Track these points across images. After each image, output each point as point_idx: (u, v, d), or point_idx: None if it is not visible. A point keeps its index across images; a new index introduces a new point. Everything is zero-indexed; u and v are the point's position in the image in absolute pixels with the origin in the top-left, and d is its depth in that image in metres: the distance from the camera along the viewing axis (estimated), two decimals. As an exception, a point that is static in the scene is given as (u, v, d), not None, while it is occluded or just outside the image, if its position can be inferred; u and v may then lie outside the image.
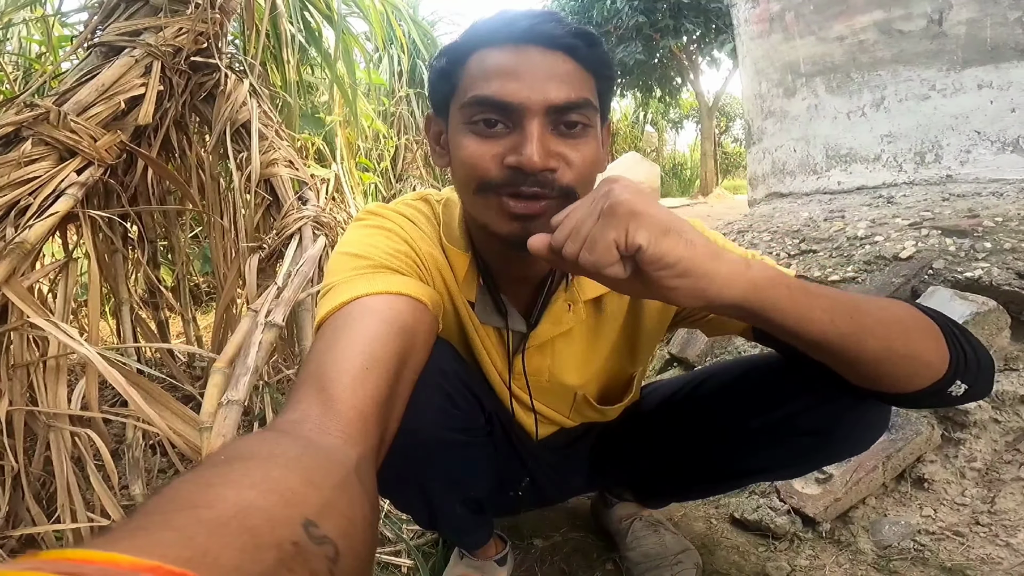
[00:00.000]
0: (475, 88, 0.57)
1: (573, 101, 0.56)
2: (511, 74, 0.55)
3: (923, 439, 1.07)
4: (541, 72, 0.55)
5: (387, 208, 0.70)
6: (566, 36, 0.56)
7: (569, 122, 0.57)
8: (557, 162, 0.57)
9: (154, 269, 1.73)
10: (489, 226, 0.60)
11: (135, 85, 1.36)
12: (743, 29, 2.58)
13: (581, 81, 0.57)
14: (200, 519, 0.25)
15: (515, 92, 0.55)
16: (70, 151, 1.19)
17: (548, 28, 0.56)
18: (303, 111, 2.44)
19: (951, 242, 1.42)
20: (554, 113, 0.56)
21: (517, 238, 0.58)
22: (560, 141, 0.57)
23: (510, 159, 0.56)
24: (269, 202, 1.58)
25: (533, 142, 0.55)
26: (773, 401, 0.72)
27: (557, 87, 0.55)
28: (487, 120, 0.56)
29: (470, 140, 0.58)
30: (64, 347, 0.98)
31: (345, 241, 0.65)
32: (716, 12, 9.12)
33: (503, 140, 0.57)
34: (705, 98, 12.40)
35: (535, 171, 0.55)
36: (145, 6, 1.48)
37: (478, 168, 0.57)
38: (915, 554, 0.94)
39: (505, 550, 0.94)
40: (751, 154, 2.66)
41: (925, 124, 1.93)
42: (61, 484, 0.92)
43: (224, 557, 0.23)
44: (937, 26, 1.88)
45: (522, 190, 0.56)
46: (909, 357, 0.55)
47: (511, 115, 0.56)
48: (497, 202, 0.58)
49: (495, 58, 0.56)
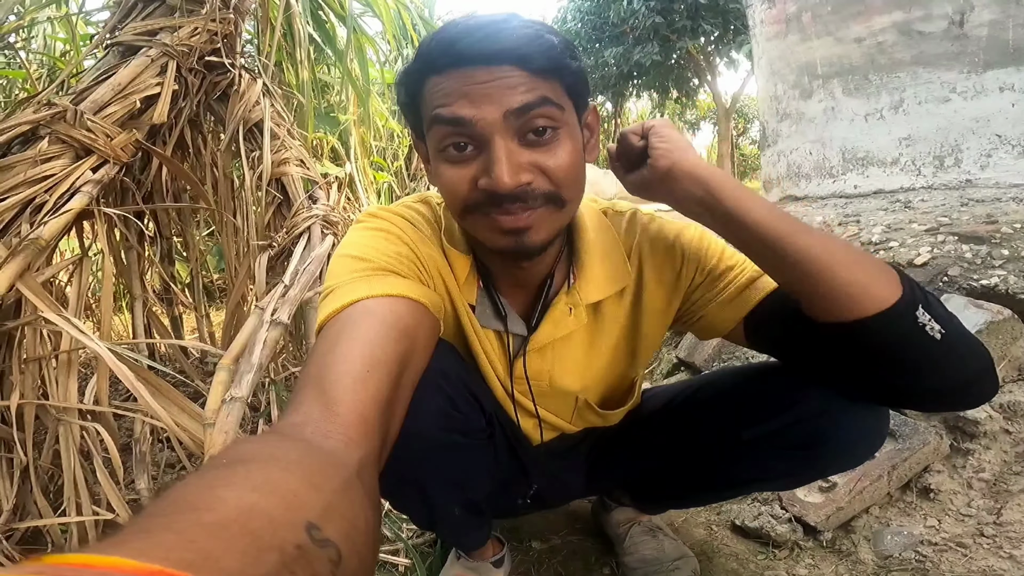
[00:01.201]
0: (434, 117, 0.57)
1: (529, 103, 0.55)
2: (463, 97, 0.55)
3: (931, 449, 1.05)
4: (494, 90, 0.55)
5: (387, 211, 0.70)
6: (506, 50, 0.55)
7: (536, 129, 0.56)
8: (531, 174, 0.57)
9: (169, 266, 1.76)
10: (485, 243, 0.62)
11: (150, 84, 1.39)
12: (759, 30, 2.55)
13: (534, 84, 0.56)
14: (202, 522, 0.26)
15: (469, 114, 0.55)
16: (86, 149, 1.22)
17: (483, 46, 0.55)
18: (317, 110, 2.47)
19: (967, 249, 1.38)
20: (516, 123, 0.55)
21: (514, 251, 0.60)
22: (530, 151, 0.57)
23: (482, 182, 0.57)
24: (280, 201, 1.60)
25: (500, 163, 0.55)
26: (764, 413, 0.71)
27: (509, 98, 0.55)
28: (455, 144, 0.57)
29: (445, 167, 0.59)
30: (76, 342, 1.00)
31: (346, 243, 0.65)
32: (734, 13, 9.01)
33: (474, 163, 0.57)
34: (722, 99, 12.27)
35: (508, 191, 0.56)
36: (162, 6, 1.51)
37: (457, 193, 0.59)
38: (916, 565, 0.92)
39: (502, 552, 0.94)
40: (766, 156, 2.63)
41: (945, 127, 1.89)
42: (68, 478, 0.94)
43: (226, 560, 0.23)
44: (958, 27, 1.84)
45: (505, 207, 0.57)
46: (857, 264, 0.56)
47: (474, 137, 0.56)
48: (486, 220, 0.59)
49: (444, 85, 0.56)
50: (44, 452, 1.02)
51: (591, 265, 0.71)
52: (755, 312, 0.69)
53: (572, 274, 0.72)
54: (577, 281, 0.71)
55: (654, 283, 0.73)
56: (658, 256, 0.73)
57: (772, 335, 0.69)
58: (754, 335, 0.70)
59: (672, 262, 0.72)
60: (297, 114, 2.15)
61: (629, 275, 0.73)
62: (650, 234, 0.74)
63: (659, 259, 0.73)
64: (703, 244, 0.72)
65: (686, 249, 0.72)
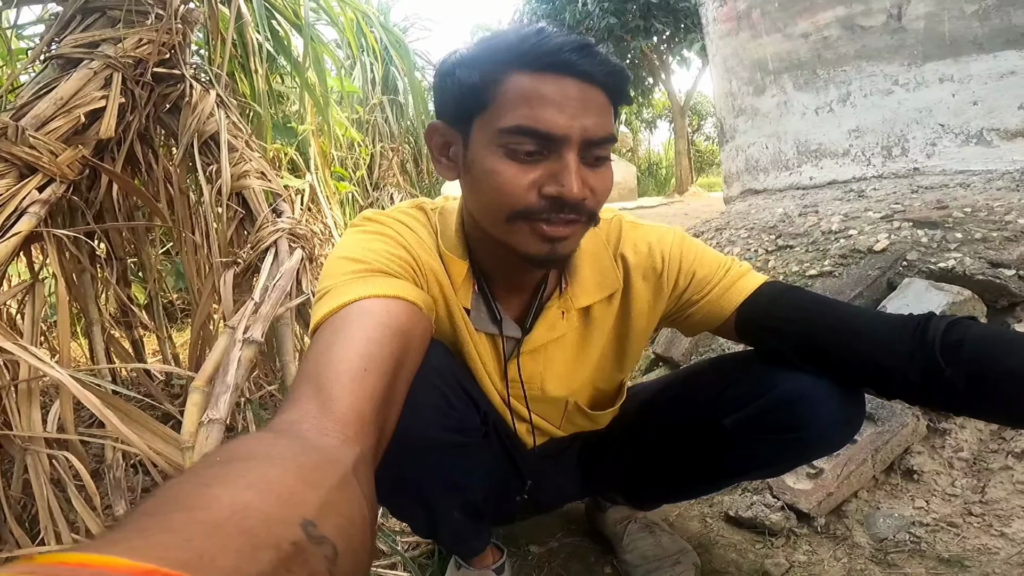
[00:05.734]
0: (518, 115, 0.57)
1: (604, 138, 0.59)
2: (555, 105, 0.56)
3: (909, 430, 1.08)
4: (580, 106, 0.57)
5: (385, 215, 0.71)
6: (602, 74, 0.57)
7: (598, 156, 0.60)
8: (587, 191, 0.60)
9: (125, 287, 1.68)
10: (517, 248, 0.62)
11: (95, 98, 1.31)
12: (712, 28, 2.62)
13: (609, 115, 0.60)
14: (197, 520, 0.25)
15: (558, 124, 0.56)
16: (30, 168, 1.14)
17: (587, 63, 0.57)
18: (274, 121, 2.40)
19: (923, 233, 1.45)
20: (586, 147, 0.58)
21: (546, 258, 0.62)
22: (589, 171, 0.60)
23: (549, 189, 0.58)
24: (242, 215, 1.54)
25: (573, 174, 0.57)
26: (744, 399, 0.73)
27: (593, 123, 0.57)
28: (528, 151, 0.58)
29: (506, 165, 0.58)
30: (35, 370, 0.94)
31: (342, 245, 0.66)
32: (685, 11, 9.25)
33: (539, 167, 0.58)
34: (677, 97, 12.59)
35: (576, 202, 0.57)
36: (102, 17, 1.44)
37: (515, 195, 0.59)
38: (911, 546, 0.94)
39: (502, 559, 0.93)
40: (725, 152, 2.70)
41: (890, 118, 1.97)
42: (42, 506, 0.90)
43: (221, 558, 0.23)
44: (896, 21, 1.92)
45: (560, 217, 0.59)
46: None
47: (549, 143, 0.57)
48: (530, 227, 0.60)
49: (537, 86, 0.57)
50: (13, 482, 0.98)
51: (582, 270, 0.73)
52: (741, 310, 0.72)
53: (564, 279, 0.73)
54: (569, 286, 0.73)
55: (639, 287, 0.75)
56: (641, 261, 0.75)
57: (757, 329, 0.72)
58: (743, 332, 0.73)
59: (654, 267, 0.75)
60: (254, 125, 2.08)
61: (618, 280, 0.75)
62: (633, 239, 0.76)
63: (642, 264, 0.75)
64: (683, 249, 0.75)
65: (667, 254, 0.74)
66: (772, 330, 0.71)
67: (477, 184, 0.61)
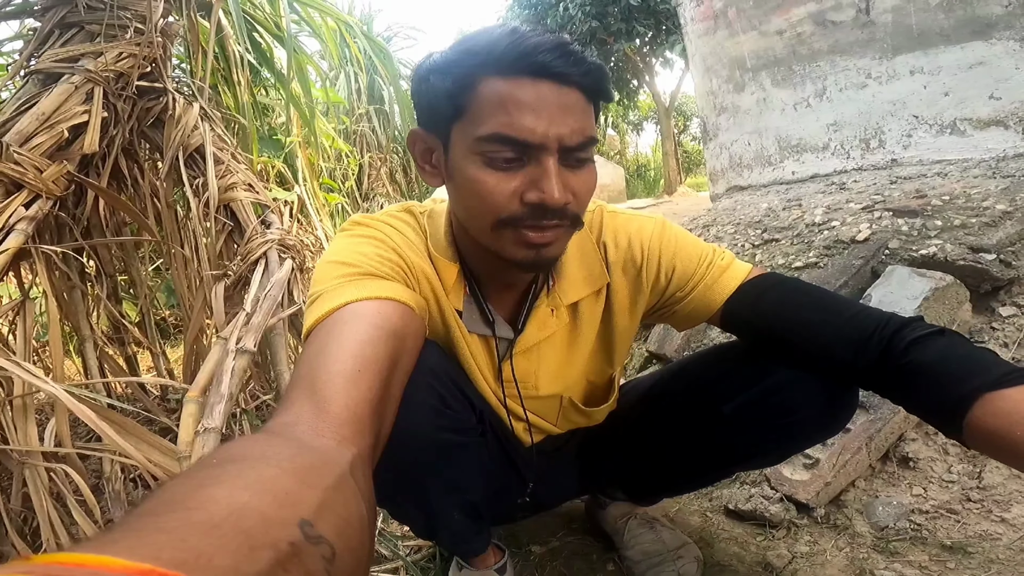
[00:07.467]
0: (494, 122, 0.56)
1: (583, 142, 0.58)
2: (532, 111, 0.55)
3: (901, 417, 1.09)
4: (558, 110, 0.56)
5: (373, 218, 0.70)
6: (578, 74, 0.56)
7: (578, 159, 0.59)
8: (569, 195, 0.59)
9: (116, 304, 1.66)
10: (502, 254, 0.62)
11: (77, 112, 1.31)
12: (690, 28, 2.66)
13: (589, 116, 0.59)
14: (193, 521, 0.25)
15: (536, 132, 0.55)
16: (16, 184, 1.14)
17: (562, 64, 0.55)
18: (260, 133, 2.40)
19: (903, 222, 1.48)
20: (566, 151, 0.58)
21: (532, 263, 0.62)
22: (569, 174, 0.59)
23: (531, 196, 0.57)
24: (231, 228, 1.54)
25: (554, 180, 0.56)
26: (741, 385, 0.74)
27: (571, 128, 0.56)
28: (507, 158, 0.57)
29: (487, 175, 0.58)
30: (29, 386, 0.94)
31: (331, 250, 0.65)
32: (665, 13, 9.33)
33: (519, 174, 0.58)
34: (662, 99, 12.68)
35: (558, 207, 0.57)
36: (81, 32, 1.43)
37: (498, 204, 0.58)
38: (912, 534, 0.94)
39: (503, 559, 0.93)
40: (708, 150, 2.73)
41: (866, 111, 2.01)
42: (43, 519, 0.90)
43: (219, 558, 0.23)
44: (865, 15, 1.95)
45: (543, 223, 0.59)
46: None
47: (527, 150, 0.57)
48: (515, 234, 0.60)
49: (512, 91, 0.55)
50: (13, 496, 0.98)
51: (569, 266, 0.74)
52: (725, 308, 0.73)
53: (551, 276, 0.74)
54: (556, 283, 0.74)
55: (619, 280, 0.76)
56: (621, 254, 0.75)
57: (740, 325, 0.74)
58: (732, 322, 0.74)
59: (633, 260, 0.75)
60: (240, 138, 2.08)
61: (605, 276, 0.75)
62: (613, 231, 0.76)
63: (622, 257, 0.75)
64: (663, 241, 0.74)
65: (647, 247, 0.74)
66: (752, 330, 0.73)
67: (460, 192, 0.61)
